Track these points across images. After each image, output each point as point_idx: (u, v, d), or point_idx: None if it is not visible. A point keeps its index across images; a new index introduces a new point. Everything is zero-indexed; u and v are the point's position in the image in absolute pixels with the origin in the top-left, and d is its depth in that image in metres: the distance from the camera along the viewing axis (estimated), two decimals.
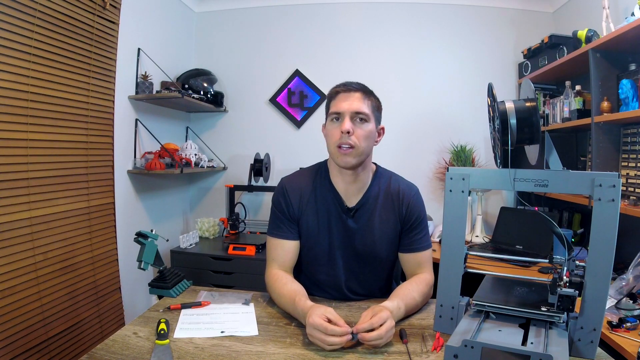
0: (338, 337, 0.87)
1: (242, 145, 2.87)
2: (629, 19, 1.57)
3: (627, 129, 1.73)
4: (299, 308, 1.01)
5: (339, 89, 1.17)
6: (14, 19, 1.47)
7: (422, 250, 1.21)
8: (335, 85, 1.19)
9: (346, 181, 1.19)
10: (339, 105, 1.13)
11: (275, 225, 1.23)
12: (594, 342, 0.83)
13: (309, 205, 1.21)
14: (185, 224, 2.90)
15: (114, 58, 2.02)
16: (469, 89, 2.65)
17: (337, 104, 1.14)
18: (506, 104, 0.96)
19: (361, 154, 1.12)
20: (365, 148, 1.13)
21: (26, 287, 1.54)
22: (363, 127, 1.12)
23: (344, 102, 1.13)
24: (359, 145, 1.11)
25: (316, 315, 0.90)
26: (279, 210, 1.23)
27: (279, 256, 1.21)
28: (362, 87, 1.17)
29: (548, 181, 0.86)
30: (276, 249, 1.21)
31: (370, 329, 0.89)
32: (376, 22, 2.74)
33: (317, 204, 1.21)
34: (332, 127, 1.15)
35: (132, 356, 0.87)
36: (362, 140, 1.12)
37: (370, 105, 1.15)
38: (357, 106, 1.12)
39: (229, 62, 2.86)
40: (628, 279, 1.39)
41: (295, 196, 1.22)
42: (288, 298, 1.07)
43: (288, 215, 1.21)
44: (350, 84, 1.16)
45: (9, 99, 1.48)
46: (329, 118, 1.17)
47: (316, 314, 0.91)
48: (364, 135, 1.12)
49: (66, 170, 1.76)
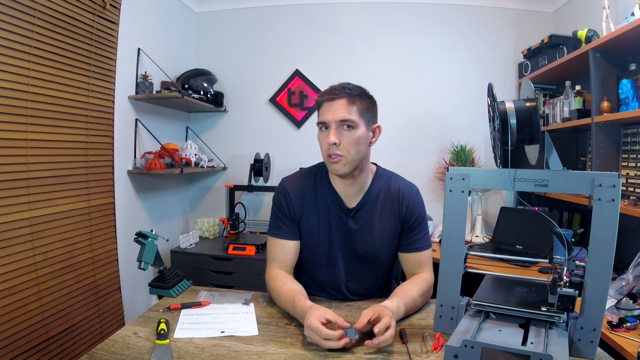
0: (335, 341, 0.87)
1: (242, 145, 2.87)
2: (629, 19, 1.57)
3: (627, 129, 1.73)
4: (298, 308, 1.01)
5: (323, 97, 1.13)
6: (14, 19, 1.47)
7: (422, 250, 1.21)
8: (320, 93, 1.15)
9: (345, 184, 1.19)
10: (323, 115, 1.12)
11: (276, 225, 1.22)
12: (594, 342, 0.83)
13: (309, 206, 1.21)
14: (185, 224, 2.90)
15: (114, 58, 2.02)
16: (469, 89, 2.65)
17: (322, 113, 1.12)
18: (506, 104, 0.96)
19: (351, 161, 1.11)
20: (356, 154, 1.11)
21: (26, 287, 1.54)
22: (351, 135, 1.10)
23: (327, 112, 1.10)
24: (347, 153, 1.10)
25: (314, 317, 0.90)
26: (279, 210, 1.22)
27: (279, 256, 1.21)
28: (347, 91, 1.11)
29: (548, 181, 0.86)
30: (276, 249, 1.21)
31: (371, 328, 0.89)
32: (376, 22, 2.74)
33: (317, 204, 1.21)
34: (321, 137, 1.14)
35: (132, 356, 0.87)
36: (351, 148, 1.10)
37: (357, 110, 1.10)
38: (342, 115, 1.09)
39: (229, 62, 2.86)
40: (628, 279, 1.39)
41: (296, 196, 1.22)
42: (288, 298, 1.07)
43: (289, 215, 1.21)
44: (333, 91, 1.12)
45: (9, 99, 1.48)
46: (318, 127, 1.15)
47: (314, 316, 0.90)
48: (352, 142, 1.10)
49: (66, 170, 1.76)
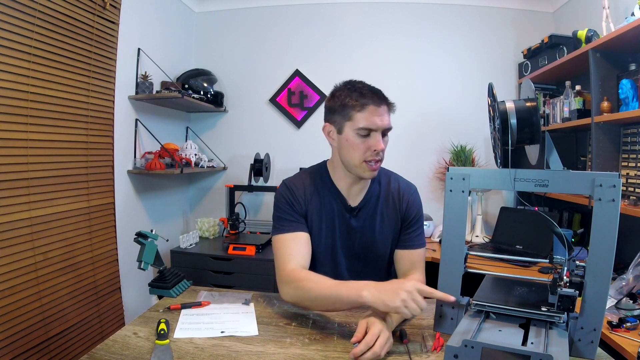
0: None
1: (242, 145, 2.87)
2: (629, 19, 1.57)
3: (627, 129, 1.73)
4: (351, 287, 0.94)
5: (367, 100, 1.06)
6: (14, 19, 1.47)
7: (417, 248, 1.21)
8: (359, 91, 1.07)
9: (350, 183, 1.19)
10: (372, 121, 1.05)
11: (284, 220, 1.16)
12: (594, 342, 0.83)
13: (314, 204, 1.20)
14: (185, 224, 2.89)
15: (114, 58, 2.02)
16: (469, 89, 2.65)
17: (369, 117, 1.05)
18: (506, 103, 0.96)
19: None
20: None
21: (26, 287, 1.54)
22: (386, 140, 1.13)
23: (376, 117, 1.06)
24: (383, 157, 1.13)
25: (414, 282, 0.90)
26: (286, 207, 1.18)
27: (296, 251, 1.12)
28: (385, 96, 1.10)
29: (548, 181, 0.86)
30: (291, 244, 1.12)
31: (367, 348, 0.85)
32: (376, 22, 2.74)
33: (321, 203, 1.20)
34: (358, 141, 1.08)
35: (132, 356, 0.87)
36: (385, 151, 1.12)
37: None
38: (388, 121, 1.09)
39: (229, 62, 2.86)
40: (628, 279, 1.39)
41: (300, 193, 1.20)
42: (331, 291, 0.97)
43: (297, 210, 1.18)
44: (379, 93, 1.09)
45: (9, 99, 1.48)
46: (355, 130, 1.07)
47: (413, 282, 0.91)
48: (386, 146, 1.13)
49: (66, 170, 1.76)
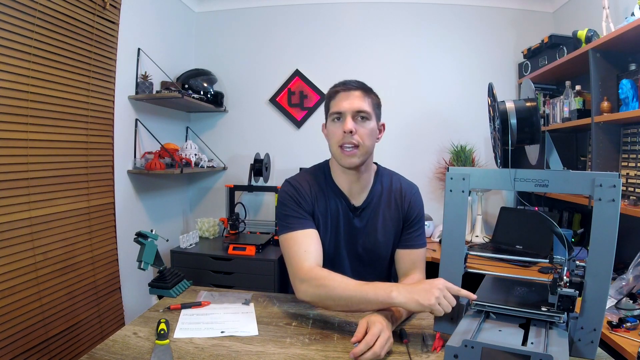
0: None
1: (242, 145, 2.87)
2: (629, 19, 1.57)
3: (627, 129, 1.73)
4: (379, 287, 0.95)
5: (338, 88, 1.15)
6: (14, 19, 1.47)
7: (418, 248, 1.21)
8: (334, 85, 1.17)
9: (349, 181, 1.19)
10: (339, 105, 1.12)
11: (292, 218, 1.13)
12: (594, 342, 0.83)
13: (319, 202, 1.19)
14: (185, 224, 2.89)
15: (114, 58, 2.02)
16: (469, 89, 2.65)
17: (338, 103, 1.12)
18: (506, 103, 0.96)
19: (365, 152, 1.12)
20: (369, 146, 1.13)
21: (26, 287, 1.54)
22: (365, 126, 1.12)
23: (344, 101, 1.11)
24: (362, 143, 1.11)
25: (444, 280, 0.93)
26: (293, 205, 1.15)
27: (312, 248, 1.09)
28: (361, 85, 1.15)
29: (548, 181, 0.86)
30: (304, 241, 1.09)
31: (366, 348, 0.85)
32: (376, 22, 2.74)
33: (326, 202, 1.19)
34: (333, 127, 1.13)
35: (132, 356, 0.87)
36: (366, 139, 1.11)
37: (371, 103, 1.14)
38: (358, 105, 1.11)
39: (229, 62, 2.86)
40: (628, 279, 1.39)
41: (307, 192, 1.18)
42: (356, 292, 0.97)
43: (303, 207, 1.16)
44: (349, 83, 1.15)
45: (9, 99, 1.48)
46: (329, 118, 1.15)
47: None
48: (367, 133, 1.12)
49: (66, 170, 1.76)
